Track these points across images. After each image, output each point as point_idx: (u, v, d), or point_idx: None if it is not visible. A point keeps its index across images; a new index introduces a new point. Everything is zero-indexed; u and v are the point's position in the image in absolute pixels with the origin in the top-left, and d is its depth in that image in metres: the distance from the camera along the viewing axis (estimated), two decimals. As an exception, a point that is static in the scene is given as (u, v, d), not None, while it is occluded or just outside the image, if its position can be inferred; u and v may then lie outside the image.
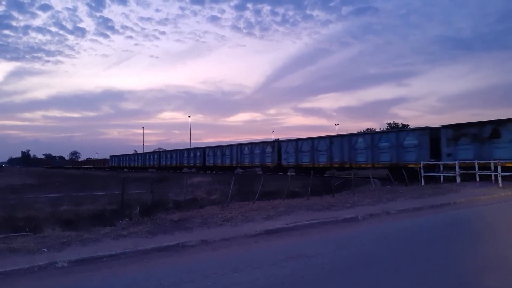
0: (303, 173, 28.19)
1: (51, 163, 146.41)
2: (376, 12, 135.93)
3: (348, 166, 26.31)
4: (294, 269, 5.21)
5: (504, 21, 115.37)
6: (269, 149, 34.57)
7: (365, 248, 6.50)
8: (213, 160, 42.95)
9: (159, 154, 58.03)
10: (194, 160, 47.12)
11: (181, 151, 51.52)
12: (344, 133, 32.78)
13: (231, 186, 13.25)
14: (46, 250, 6.49)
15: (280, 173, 32.14)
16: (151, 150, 78.01)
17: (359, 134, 29.76)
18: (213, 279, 4.85)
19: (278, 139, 36.97)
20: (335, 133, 42.53)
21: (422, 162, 20.31)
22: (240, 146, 39.18)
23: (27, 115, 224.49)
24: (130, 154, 74.27)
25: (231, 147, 40.78)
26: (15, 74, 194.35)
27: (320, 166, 28.86)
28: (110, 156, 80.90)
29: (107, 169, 76.82)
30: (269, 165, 34.12)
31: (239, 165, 38.65)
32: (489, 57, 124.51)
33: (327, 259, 5.72)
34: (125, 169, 68.72)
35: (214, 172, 42.44)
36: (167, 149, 68.88)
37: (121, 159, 74.25)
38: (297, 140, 32.03)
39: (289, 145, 32.19)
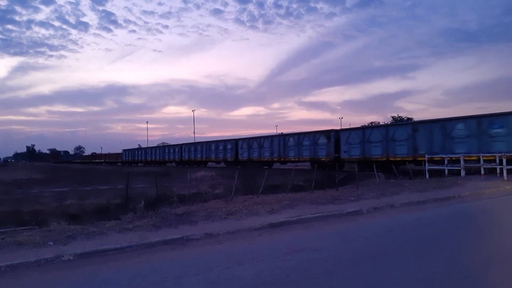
0: (369, 168, 22.14)
1: (59, 158, 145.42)
2: (381, 4, 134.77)
3: (438, 158, 20.43)
4: (298, 262, 5.23)
5: (510, 14, 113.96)
6: (323, 140, 29.24)
7: (369, 241, 6.50)
8: (248, 153, 37.31)
9: (181, 147, 51.20)
10: (224, 154, 41.15)
11: (208, 143, 44.96)
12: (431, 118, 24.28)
13: (235, 180, 13.27)
14: (52, 243, 6.55)
15: (334, 169, 24.23)
16: (155, 145, 76.09)
17: (458, 119, 21.57)
18: (217, 272, 4.88)
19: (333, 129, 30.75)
20: (339, 127, 40.65)
21: (426, 156, 20.17)
22: (283, 137, 33.86)
23: (32, 110, 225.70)
24: (145, 148, 68.10)
25: (271, 138, 35.46)
26: (19, 69, 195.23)
27: (398, 159, 23.50)
28: (123, 150, 76.39)
29: (119, 164, 74.04)
30: (323, 159, 28.61)
31: (282, 159, 33.46)
32: (494, 49, 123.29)
33: (331, 253, 5.73)
34: (139, 164, 64.42)
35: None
36: (170, 143, 67.67)
37: (136, 153, 69.03)
38: (363, 129, 27.70)
39: (352, 135, 27.18)
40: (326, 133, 29.41)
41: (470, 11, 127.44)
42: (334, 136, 28.55)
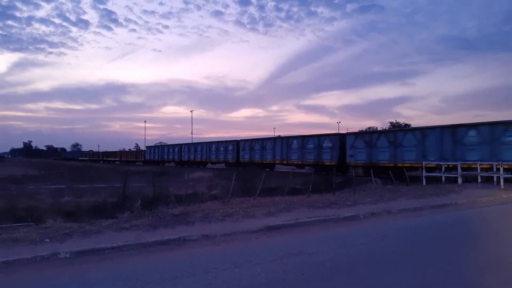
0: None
1: (63, 154, 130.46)
2: (381, 10, 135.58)
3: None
4: (295, 266, 5.23)
5: (510, 22, 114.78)
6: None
7: (366, 246, 6.51)
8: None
9: (239, 143, 40.33)
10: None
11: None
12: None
13: (232, 182, 13.27)
14: (48, 240, 6.53)
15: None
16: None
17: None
18: (214, 274, 4.88)
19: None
20: (337, 131, 40.33)
21: (424, 162, 20.25)
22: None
23: (30, 106, 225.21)
24: (180, 144, 52.52)
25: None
26: (19, 65, 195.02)
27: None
28: (147, 147, 63.66)
29: (138, 163, 62.73)
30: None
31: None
32: (494, 57, 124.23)
33: (328, 257, 5.74)
34: (171, 163, 53.40)
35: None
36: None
37: (165, 150, 55.44)
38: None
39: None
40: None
41: (470, 18, 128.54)
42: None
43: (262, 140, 36.27)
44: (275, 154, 33.95)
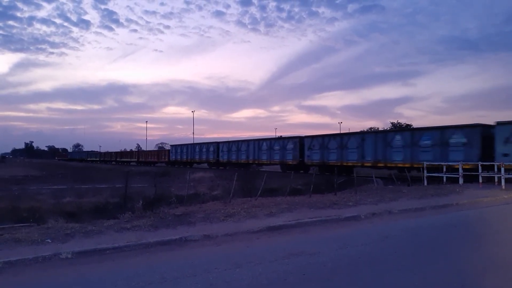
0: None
1: (69, 155, 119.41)
2: (382, 10, 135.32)
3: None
4: (296, 266, 5.24)
5: (511, 22, 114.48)
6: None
7: (367, 247, 6.52)
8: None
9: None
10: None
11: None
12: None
13: (234, 182, 13.28)
14: (50, 241, 6.55)
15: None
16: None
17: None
18: (215, 274, 4.89)
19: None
20: (339, 131, 41.33)
21: (425, 163, 20.27)
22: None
23: (32, 106, 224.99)
24: (215, 143, 44.05)
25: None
26: (20, 66, 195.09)
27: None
28: (172, 146, 54.99)
29: (160, 164, 54.98)
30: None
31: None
32: (495, 58, 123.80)
33: (329, 257, 5.74)
34: (204, 164, 45.40)
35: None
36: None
37: (195, 150, 46.63)
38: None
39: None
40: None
41: (471, 19, 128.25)
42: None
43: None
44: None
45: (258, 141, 36.96)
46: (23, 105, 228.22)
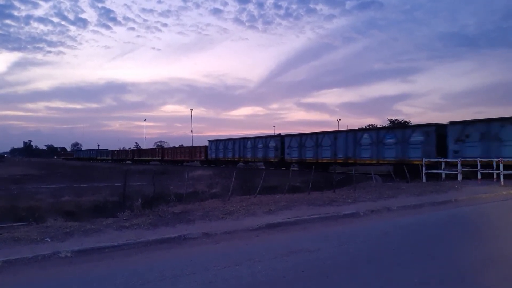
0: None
1: (76, 154, 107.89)
2: (381, 7, 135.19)
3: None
4: (295, 263, 5.24)
5: (509, 18, 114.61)
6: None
7: (366, 243, 6.53)
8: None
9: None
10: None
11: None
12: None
13: (233, 180, 13.28)
14: (49, 240, 6.54)
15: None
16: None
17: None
18: (214, 272, 4.89)
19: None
20: (337, 129, 41.34)
21: (424, 159, 20.31)
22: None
23: (30, 105, 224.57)
24: (279, 135, 36.81)
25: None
26: (18, 65, 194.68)
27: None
28: (210, 141, 45.14)
29: (195, 163, 48.11)
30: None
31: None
32: (493, 54, 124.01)
33: (328, 254, 5.75)
34: (260, 163, 36.10)
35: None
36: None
37: (247, 145, 37.74)
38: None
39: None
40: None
41: (469, 15, 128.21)
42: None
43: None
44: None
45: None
46: (22, 104, 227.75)
